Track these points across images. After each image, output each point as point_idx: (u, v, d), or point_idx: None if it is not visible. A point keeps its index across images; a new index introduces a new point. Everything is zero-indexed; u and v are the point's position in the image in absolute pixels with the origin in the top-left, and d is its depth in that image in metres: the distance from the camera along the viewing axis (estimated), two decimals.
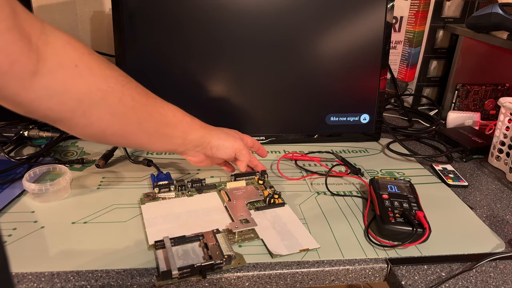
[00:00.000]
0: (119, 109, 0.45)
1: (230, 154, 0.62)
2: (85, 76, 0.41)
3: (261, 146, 0.70)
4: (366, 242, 0.56)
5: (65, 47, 0.40)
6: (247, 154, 0.63)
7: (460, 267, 0.52)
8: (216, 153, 0.60)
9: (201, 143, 0.58)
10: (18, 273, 0.47)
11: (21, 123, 0.81)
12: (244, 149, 0.63)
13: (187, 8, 0.76)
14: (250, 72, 0.81)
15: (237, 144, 0.61)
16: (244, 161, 0.64)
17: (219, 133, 0.60)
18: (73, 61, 0.40)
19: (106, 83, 0.43)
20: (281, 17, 0.78)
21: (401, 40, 1.09)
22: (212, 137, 0.59)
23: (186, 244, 0.52)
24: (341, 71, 0.82)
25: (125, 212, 0.59)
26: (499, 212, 0.65)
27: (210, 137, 0.59)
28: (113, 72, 0.45)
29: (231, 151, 0.61)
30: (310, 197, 0.66)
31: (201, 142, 0.58)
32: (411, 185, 0.64)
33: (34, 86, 0.37)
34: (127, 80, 0.47)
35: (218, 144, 0.60)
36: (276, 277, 0.50)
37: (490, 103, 1.05)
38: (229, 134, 0.62)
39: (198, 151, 0.60)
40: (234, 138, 0.62)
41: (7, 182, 0.65)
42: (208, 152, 0.60)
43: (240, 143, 0.62)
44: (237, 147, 0.61)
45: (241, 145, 0.62)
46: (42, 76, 0.37)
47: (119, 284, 0.47)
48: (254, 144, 0.68)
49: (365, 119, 0.86)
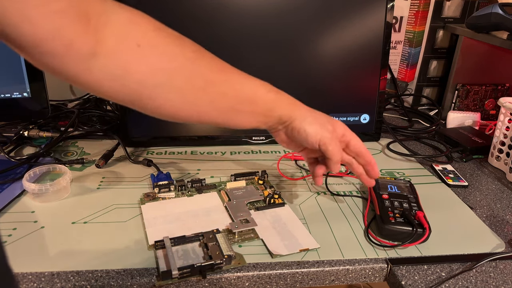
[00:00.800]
0: (188, 90, 0.42)
1: (313, 143, 0.52)
2: (148, 56, 0.38)
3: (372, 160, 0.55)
4: (366, 242, 0.56)
5: (127, 26, 0.38)
6: (336, 150, 0.52)
7: (460, 267, 0.52)
8: (297, 137, 0.52)
9: (285, 121, 0.51)
10: (18, 273, 0.47)
11: (21, 123, 0.81)
12: (333, 142, 0.51)
13: (187, 8, 0.76)
14: (250, 72, 0.80)
15: (322, 133, 0.51)
16: (332, 159, 0.52)
17: (307, 115, 0.51)
18: (135, 41, 0.38)
19: (171, 62, 0.40)
20: (281, 17, 0.78)
21: (401, 40, 1.09)
22: (296, 117, 0.51)
23: (186, 244, 0.52)
24: (341, 71, 0.82)
25: (125, 212, 0.59)
26: (499, 212, 0.65)
27: (295, 116, 0.51)
28: (182, 48, 0.41)
29: (313, 140, 0.51)
30: (310, 197, 0.66)
31: (285, 120, 0.51)
32: (411, 185, 0.64)
33: (93, 69, 0.36)
34: (197, 55, 0.43)
35: (300, 127, 0.51)
36: (276, 277, 0.50)
37: (490, 103, 1.05)
38: (317, 119, 0.52)
39: (280, 130, 0.53)
40: (321, 125, 0.51)
41: (7, 182, 0.65)
42: (289, 133, 0.53)
43: (328, 134, 0.51)
44: (321, 136, 0.51)
45: (328, 136, 0.51)
46: (100, 58, 0.36)
47: (119, 284, 0.47)
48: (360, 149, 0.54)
49: (365, 119, 0.86)
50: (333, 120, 0.54)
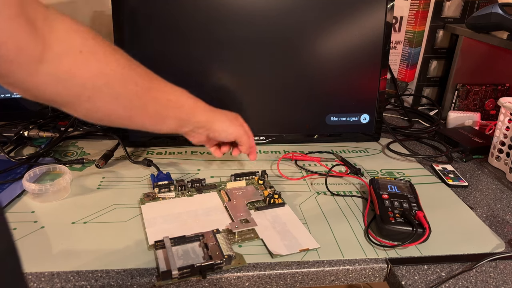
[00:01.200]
0: (123, 93, 0.46)
1: (231, 139, 0.63)
2: (90, 62, 0.41)
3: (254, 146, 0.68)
4: (366, 242, 0.56)
5: (69, 33, 0.40)
6: (248, 140, 0.65)
7: (460, 267, 0.52)
8: (218, 137, 0.61)
9: (204, 125, 0.59)
10: None
11: (21, 123, 0.81)
12: (245, 135, 0.64)
13: (187, 8, 0.76)
14: (250, 72, 0.80)
15: (238, 130, 0.63)
16: (245, 145, 0.65)
17: (223, 118, 0.61)
18: (77, 47, 0.40)
19: (109, 68, 0.43)
20: (281, 17, 0.78)
21: (401, 40, 1.09)
22: (215, 121, 0.60)
23: (186, 244, 0.52)
24: (341, 71, 0.82)
25: (125, 212, 0.59)
26: (499, 212, 0.65)
27: (213, 120, 0.60)
28: (117, 56, 0.45)
29: (232, 137, 0.63)
30: (310, 197, 0.66)
31: (204, 124, 0.59)
32: (411, 185, 0.64)
33: (40, 73, 0.38)
34: (131, 64, 0.47)
35: (221, 129, 0.61)
36: (276, 277, 0.50)
37: (490, 103, 1.05)
38: (232, 121, 0.62)
39: (200, 133, 0.60)
40: (236, 125, 0.63)
41: (7, 182, 0.65)
42: (210, 135, 0.61)
43: (241, 129, 0.63)
44: (238, 133, 0.63)
45: (242, 132, 0.63)
46: (47, 62, 0.38)
47: (119, 284, 0.47)
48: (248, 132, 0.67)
49: (365, 119, 0.86)
50: (235, 114, 0.64)
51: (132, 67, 0.47)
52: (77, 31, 0.41)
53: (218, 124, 0.60)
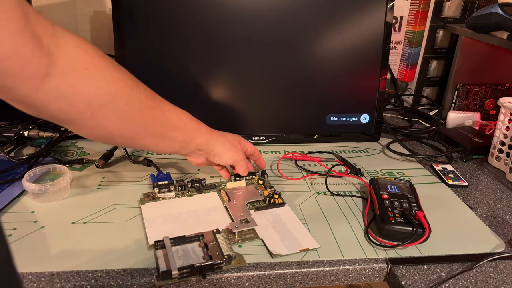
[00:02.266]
0: (127, 112, 0.46)
1: (230, 163, 0.63)
2: (95, 79, 0.41)
3: (260, 156, 0.70)
4: (366, 242, 0.56)
5: (75, 50, 0.40)
6: (244, 166, 0.65)
7: (460, 267, 0.52)
8: (218, 160, 0.62)
9: (205, 148, 0.59)
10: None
11: (21, 123, 0.81)
12: (243, 161, 0.64)
13: (187, 8, 0.76)
14: (250, 72, 0.80)
15: (237, 156, 0.63)
16: (241, 171, 0.65)
17: (224, 141, 0.61)
18: (83, 64, 0.40)
19: (115, 86, 0.43)
20: (281, 17, 0.78)
21: (401, 40, 1.09)
22: (216, 144, 0.60)
23: (186, 244, 0.52)
24: (341, 71, 0.82)
25: (125, 212, 0.59)
26: (499, 212, 0.65)
27: (214, 144, 0.60)
28: (122, 75, 0.45)
29: (231, 161, 0.63)
30: (310, 197, 0.66)
31: (205, 147, 0.59)
32: (411, 185, 0.64)
33: (44, 88, 0.38)
34: (136, 83, 0.47)
35: (221, 153, 0.61)
36: (276, 277, 0.50)
37: (490, 103, 1.05)
38: (232, 144, 0.63)
39: (201, 155, 0.61)
40: (236, 150, 0.63)
41: (7, 182, 0.65)
42: (210, 158, 0.62)
43: (241, 155, 0.64)
44: (237, 158, 0.63)
45: (241, 157, 0.64)
46: (52, 78, 0.38)
47: (119, 284, 0.47)
48: (254, 152, 0.68)
49: (365, 119, 0.86)
50: (238, 138, 0.65)
51: (137, 87, 0.47)
52: (83, 48, 0.41)
53: (219, 147, 0.60)
